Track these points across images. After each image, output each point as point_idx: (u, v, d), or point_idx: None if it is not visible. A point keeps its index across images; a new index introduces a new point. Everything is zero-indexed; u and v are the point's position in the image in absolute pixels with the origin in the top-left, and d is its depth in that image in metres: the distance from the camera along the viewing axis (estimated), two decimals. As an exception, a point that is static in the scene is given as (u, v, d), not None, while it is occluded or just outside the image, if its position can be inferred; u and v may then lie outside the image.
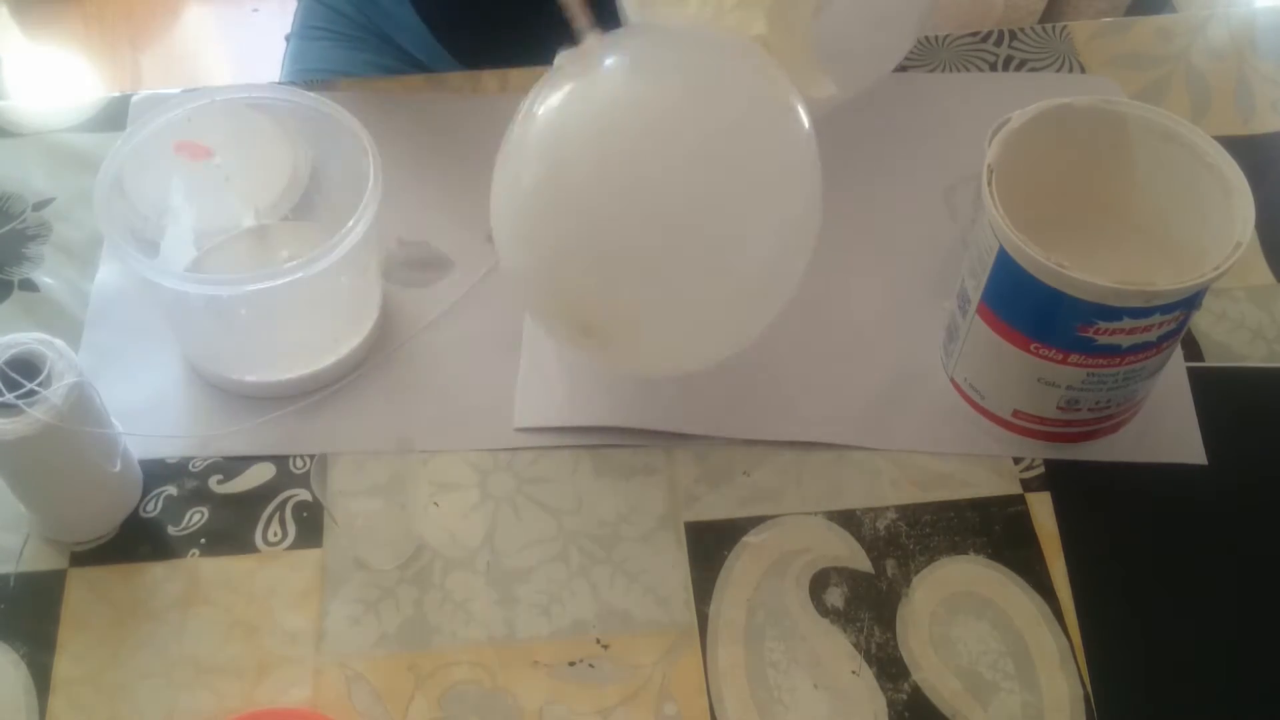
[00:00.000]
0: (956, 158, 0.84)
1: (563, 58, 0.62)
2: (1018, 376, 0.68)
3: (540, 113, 0.62)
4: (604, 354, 0.68)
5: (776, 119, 0.63)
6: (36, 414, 0.60)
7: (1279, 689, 0.65)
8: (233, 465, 0.71)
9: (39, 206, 0.82)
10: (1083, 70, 0.91)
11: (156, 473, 0.71)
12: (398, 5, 1.04)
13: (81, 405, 0.62)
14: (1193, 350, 0.76)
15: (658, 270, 0.61)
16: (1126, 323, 0.62)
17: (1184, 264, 0.63)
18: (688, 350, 0.67)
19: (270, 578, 0.67)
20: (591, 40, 0.62)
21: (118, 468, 0.67)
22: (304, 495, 0.70)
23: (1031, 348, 0.66)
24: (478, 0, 1.01)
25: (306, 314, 0.73)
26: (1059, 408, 0.69)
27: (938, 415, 0.73)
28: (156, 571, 0.67)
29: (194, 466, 0.71)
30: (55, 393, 0.61)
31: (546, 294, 0.65)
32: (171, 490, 0.70)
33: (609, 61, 0.62)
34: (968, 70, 0.91)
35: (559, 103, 0.61)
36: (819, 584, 0.67)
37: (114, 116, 0.87)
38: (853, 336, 0.76)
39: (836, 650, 0.65)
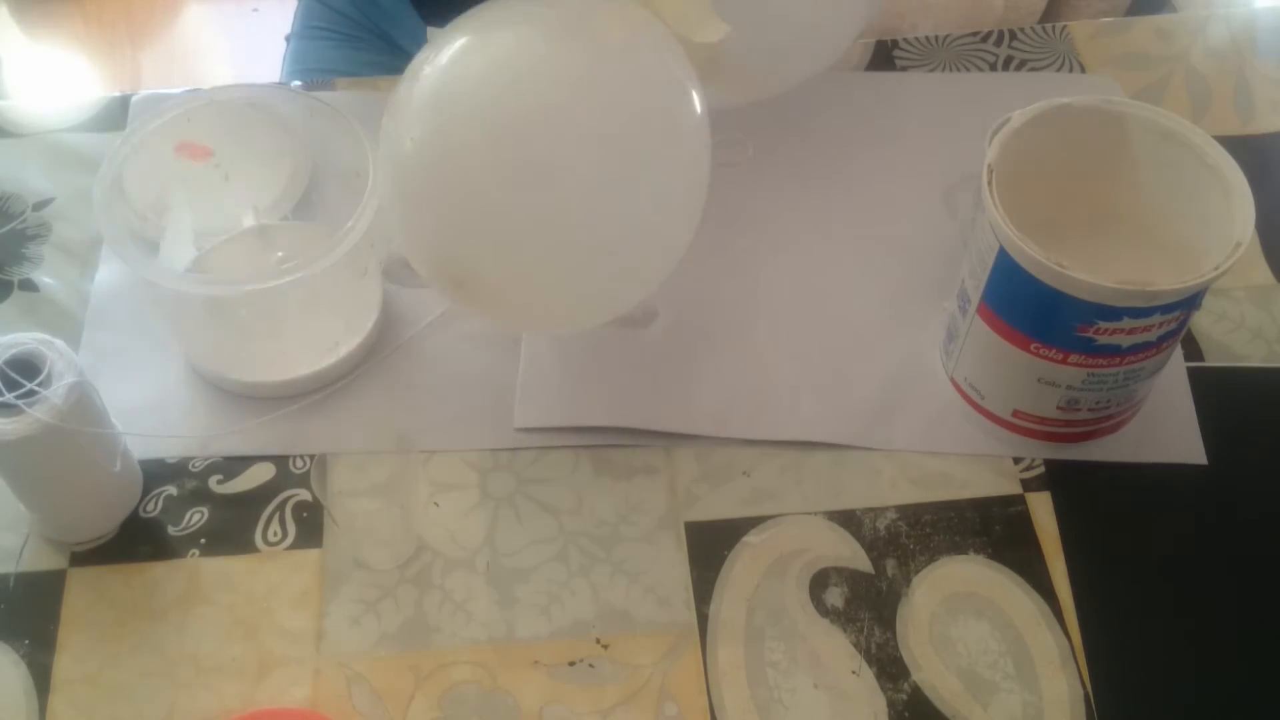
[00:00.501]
0: (956, 158, 0.84)
1: (433, 33, 0.62)
2: (1018, 376, 0.68)
3: (425, 72, 0.62)
4: (476, 308, 0.68)
5: (665, 94, 0.62)
6: (36, 414, 0.60)
7: (1279, 689, 0.65)
8: (233, 465, 0.71)
9: (39, 206, 0.82)
10: (1083, 70, 0.91)
11: (156, 473, 0.71)
12: (399, 5, 1.04)
13: (81, 405, 0.62)
14: (1193, 350, 0.76)
15: (527, 233, 0.60)
16: (1126, 323, 0.62)
17: (1184, 264, 0.63)
18: (558, 313, 0.66)
19: (270, 578, 0.67)
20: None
21: (118, 468, 0.67)
22: (304, 495, 0.70)
23: (1031, 348, 0.66)
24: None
25: (306, 314, 0.73)
26: (1059, 408, 0.69)
27: (938, 415, 0.73)
28: (156, 571, 0.67)
29: (194, 466, 0.71)
30: (55, 393, 0.61)
31: (421, 246, 0.64)
32: (171, 490, 0.70)
33: (490, 23, 0.62)
34: (968, 70, 0.91)
35: (444, 63, 0.61)
36: (819, 584, 0.67)
37: (114, 116, 0.87)
38: (853, 336, 0.76)
39: (836, 650, 0.65)
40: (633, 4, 0.63)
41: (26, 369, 0.61)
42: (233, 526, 0.69)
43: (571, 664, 0.65)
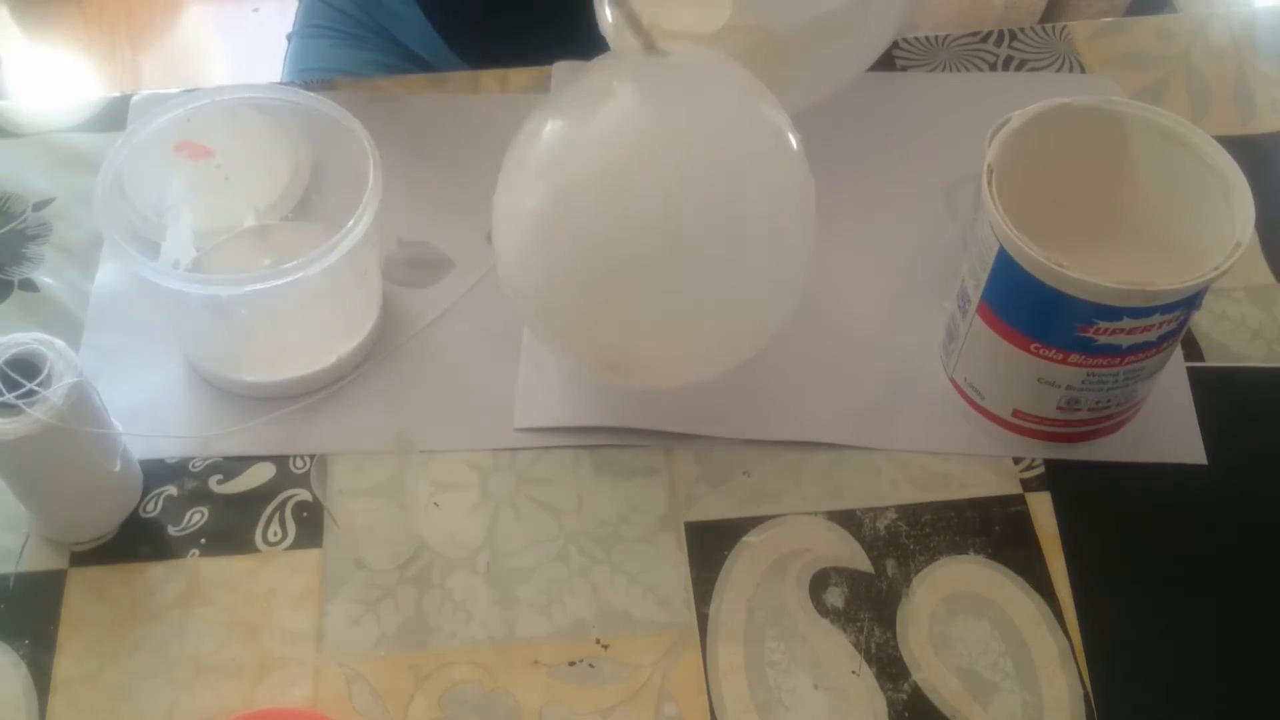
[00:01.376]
0: (956, 158, 0.84)
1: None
2: (1018, 376, 0.68)
3: (543, 142, 0.63)
4: (622, 379, 0.70)
5: (769, 141, 0.64)
6: (36, 414, 0.60)
7: (1279, 689, 0.65)
8: (233, 465, 0.71)
9: (39, 206, 0.82)
10: (1083, 70, 0.91)
11: (156, 473, 0.71)
12: (402, 3, 1.04)
13: (81, 405, 0.62)
14: (1193, 350, 0.76)
15: (676, 302, 0.63)
16: (1126, 323, 0.62)
17: (1184, 264, 0.63)
18: (701, 366, 0.69)
19: (270, 578, 0.67)
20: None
21: (118, 468, 0.67)
22: (304, 495, 0.70)
23: (1031, 348, 0.66)
24: None
25: (306, 314, 0.73)
26: (1059, 408, 0.69)
27: (938, 415, 0.73)
28: (156, 571, 0.67)
29: (194, 466, 0.71)
30: (55, 393, 0.61)
31: (568, 339, 0.67)
32: (171, 490, 0.70)
33: (606, 87, 0.63)
34: (968, 70, 0.91)
35: (562, 132, 0.63)
36: (819, 584, 0.67)
37: (114, 116, 0.87)
38: (853, 336, 0.76)
39: (836, 650, 0.65)
40: (723, 58, 0.66)
41: (26, 369, 0.61)
42: (233, 526, 0.69)
43: (571, 664, 0.65)
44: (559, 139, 0.63)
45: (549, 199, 0.63)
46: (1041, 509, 0.70)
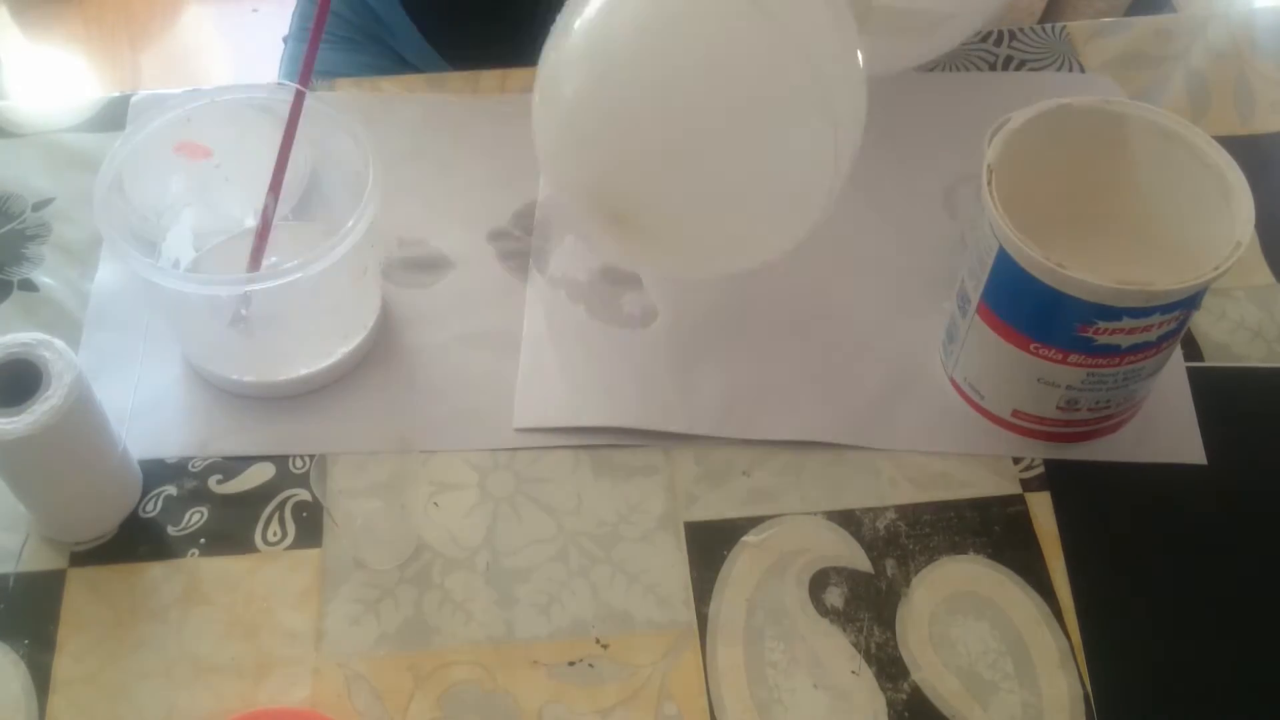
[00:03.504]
0: (956, 158, 0.84)
1: None
2: (1017, 376, 0.68)
3: (577, 26, 0.65)
4: (637, 246, 0.70)
5: (817, 26, 0.65)
6: (36, 414, 0.60)
7: (1279, 689, 0.65)
8: (232, 465, 0.71)
9: (39, 206, 0.82)
10: (1082, 70, 0.91)
11: (156, 473, 0.71)
12: (390, 9, 1.04)
13: (81, 405, 0.62)
14: (1193, 350, 0.76)
15: (685, 163, 0.64)
16: (1126, 323, 0.62)
17: (1184, 264, 0.63)
18: (714, 250, 0.70)
19: (270, 578, 0.67)
20: None
21: (117, 468, 0.67)
22: (304, 495, 0.70)
23: (1031, 348, 0.66)
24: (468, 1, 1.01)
25: (306, 314, 0.73)
26: (1059, 408, 0.69)
27: (938, 415, 0.73)
28: (156, 571, 0.67)
29: (194, 466, 0.71)
30: (55, 393, 0.61)
31: (582, 184, 0.67)
32: (171, 490, 0.70)
33: None
34: (968, 70, 0.91)
35: (596, 16, 0.65)
36: (819, 584, 0.67)
37: (114, 116, 0.87)
38: (853, 336, 0.76)
39: (836, 650, 0.65)
40: None
41: (26, 369, 0.61)
42: (232, 526, 0.69)
43: (571, 664, 0.65)
44: (599, 26, 0.65)
45: (585, 73, 0.65)
46: (1041, 509, 0.70)
